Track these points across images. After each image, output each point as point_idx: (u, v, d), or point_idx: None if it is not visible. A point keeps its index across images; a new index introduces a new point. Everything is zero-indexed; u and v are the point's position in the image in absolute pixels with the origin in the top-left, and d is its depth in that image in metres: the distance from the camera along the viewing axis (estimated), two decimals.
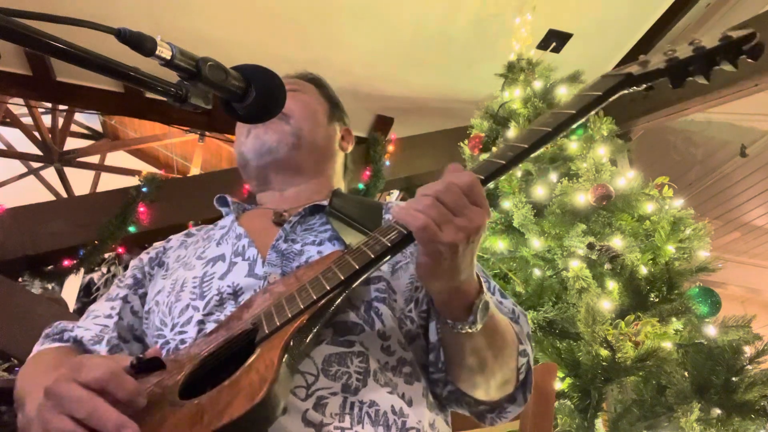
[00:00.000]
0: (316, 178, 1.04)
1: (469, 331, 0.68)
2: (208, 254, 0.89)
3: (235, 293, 0.81)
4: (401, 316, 0.81)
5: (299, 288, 0.68)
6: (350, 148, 1.16)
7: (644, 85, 0.75)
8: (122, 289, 0.96)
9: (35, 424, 0.58)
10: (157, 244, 1.04)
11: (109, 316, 0.91)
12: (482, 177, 0.67)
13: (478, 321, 0.67)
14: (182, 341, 0.79)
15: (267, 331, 0.63)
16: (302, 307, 0.63)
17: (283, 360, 0.58)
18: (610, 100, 0.74)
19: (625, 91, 0.75)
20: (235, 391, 0.55)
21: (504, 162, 0.69)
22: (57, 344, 0.90)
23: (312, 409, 0.67)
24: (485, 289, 0.69)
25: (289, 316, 0.63)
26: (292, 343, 0.61)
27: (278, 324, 0.63)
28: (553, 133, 0.71)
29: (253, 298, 0.77)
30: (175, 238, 1.04)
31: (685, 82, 0.73)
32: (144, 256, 1.01)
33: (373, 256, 0.65)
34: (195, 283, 0.84)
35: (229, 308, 0.79)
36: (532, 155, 0.75)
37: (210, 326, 0.77)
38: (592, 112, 0.75)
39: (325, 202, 0.94)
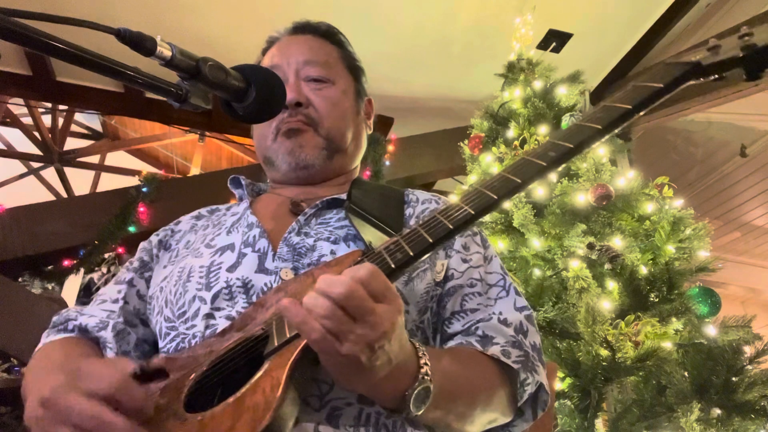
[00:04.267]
0: (344, 173, 1.00)
1: (410, 416, 0.61)
2: (218, 242, 0.85)
3: (246, 287, 0.76)
4: (412, 327, 0.77)
5: None
6: (372, 121, 1.09)
7: (713, 77, 0.63)
8: (129, 273, 0.93)
9: None
10: (166, 227, 1.01)
11: (116, 301, 0.89)
12: (472, 212, 0.61)
13: (413, 411, 0.61)
14: (193, 336, 0.75)
15: (276, 343, 0.59)
16: None
17: (291, 380, 0.55)
18: (672, 93, 0.63)
19: (691, 82, 0.64)
20: (238, 412, 0.53)
21: (518, 181, 0.62)
22: (62, 335, 0.87)
23: (325, 420, 0.64)
24: (423, 365, 0.61)
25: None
26: (302, 360, 0.57)
27: (288, 336, 0.59)
28: (603, 132, 0.62)
29: (266, 297, 0.73)
30: (185, 221, 1.01)
31: (764, 74, 0.59)
32: (153, 238, 0.98)
33: (393, 266, 0.60)
34: (202, 272, 0.80)
35: (241, 303, 0.75)
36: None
37: (220, 322, 0.74)
38: (649, 108, 0.63)
39: (344, 196, 0.89)
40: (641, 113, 0.63)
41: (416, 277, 0.80)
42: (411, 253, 0.60)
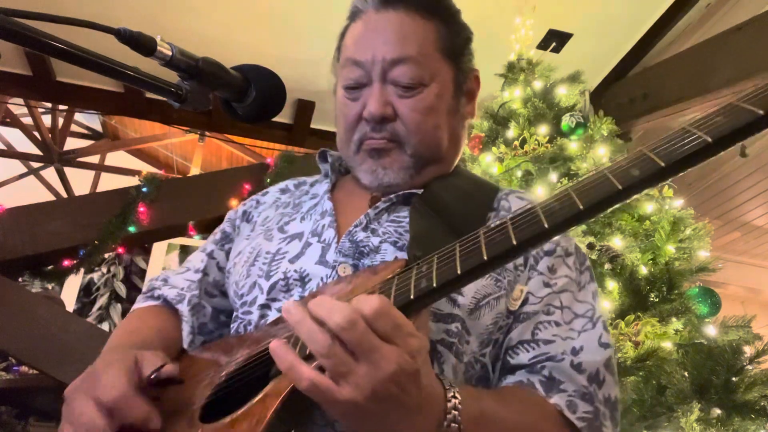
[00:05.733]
0: (438, 177, 0.87)
1: None
2: (290, 229, 0.82)
3: (302, 279, 0.73)
4: (471, 359, 0.69)
5: None
6: (476, 102, 0.96)
7: None
8: (211, 244, 0.95)
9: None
10: (254, 196, 0.99)
11: (197, 271, 0.91)
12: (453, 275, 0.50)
13: None
14: (248, 322, 0.75)
15: None
16: None
17: (281, 413, 0.52)
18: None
19: None
20: None
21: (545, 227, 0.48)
22: (149, 303, 0.91)
23: None
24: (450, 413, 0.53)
25: (307, 353, 0.51)
26: (297, 394, 0.50)
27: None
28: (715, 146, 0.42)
29: (320, 292, 0.70)
30: (272, 192, 0.98)
31: None
32: (240, 207, 0.98)
33: (413, 297, 0.52)
34: (266, 259, 0.78)
35: (296, 295, 0.73)
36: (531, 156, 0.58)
37: (272, 314, 0.73)
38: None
39: (420, 190, 0.81)
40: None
41: (485, 305, 0.70)
42: (434, 285, 0.51)
